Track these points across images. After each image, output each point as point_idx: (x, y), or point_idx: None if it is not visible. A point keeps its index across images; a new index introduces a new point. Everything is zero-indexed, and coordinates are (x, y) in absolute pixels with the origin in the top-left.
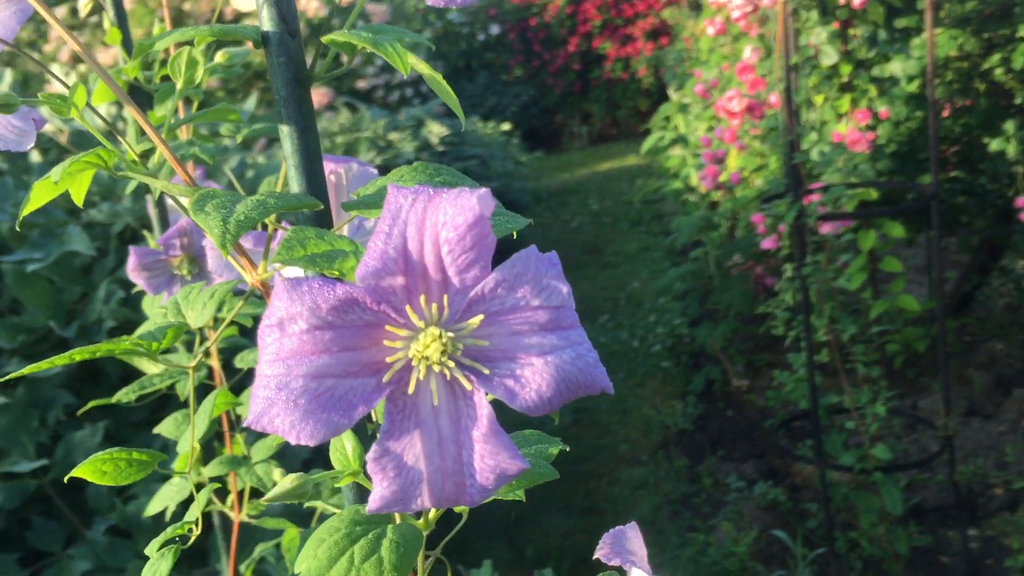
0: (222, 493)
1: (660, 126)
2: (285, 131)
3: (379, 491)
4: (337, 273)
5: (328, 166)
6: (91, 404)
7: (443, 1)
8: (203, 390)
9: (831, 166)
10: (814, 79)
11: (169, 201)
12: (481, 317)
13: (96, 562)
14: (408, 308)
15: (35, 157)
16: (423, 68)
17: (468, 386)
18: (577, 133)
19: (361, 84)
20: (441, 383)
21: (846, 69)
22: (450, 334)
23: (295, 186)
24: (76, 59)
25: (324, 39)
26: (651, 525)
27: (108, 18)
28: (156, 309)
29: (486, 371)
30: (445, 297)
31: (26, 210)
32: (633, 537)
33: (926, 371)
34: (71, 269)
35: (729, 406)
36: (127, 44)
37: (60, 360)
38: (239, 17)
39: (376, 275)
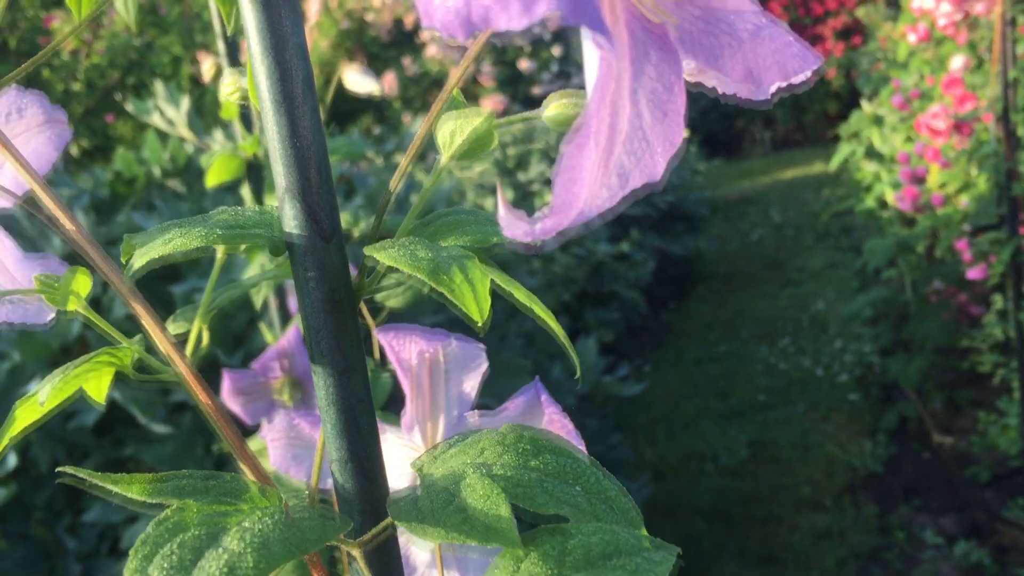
0: None
1: (850, 135)
2: (319, 374)
3: None
4: None
5: (417, 345)
6: None
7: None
8: None
9: None
10: None
11: (290, 303)
12: None
13: None
14: None
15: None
16: (534, 307)
17: None
18: (759, 138)
19: (536, 91)
20: None
21: None
22: None
23: (335, 465)
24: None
25: (366, 250)
26: None
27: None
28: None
29: None
30: None
31: (8, 435)
32: None
33: None
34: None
35: (925, 447)
36: (246, 118)
37: None
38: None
39: None
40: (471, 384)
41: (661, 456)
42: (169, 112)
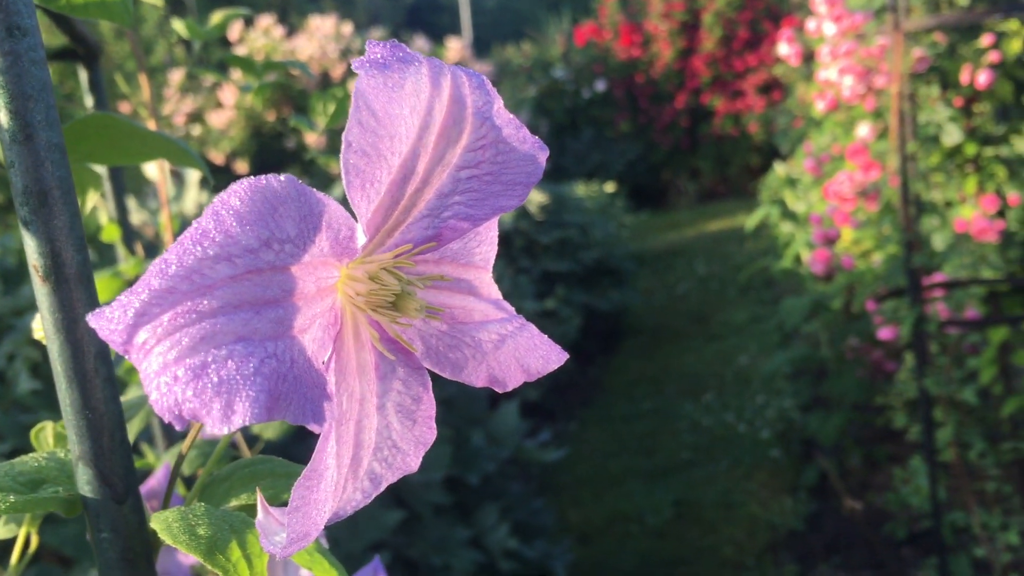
0: None
1: (768, 199)
2: None
3: None
4: None
5: None
6: None
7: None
8: None
9: (955, 259)
10: (935, 157)
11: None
12: None
13: None
14: None
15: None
16: None
17: None
18: (685, 190)
19: None
20: None
21: (971, 149)
22: None
23: None
24: (193, 118)
25: (153, 521)
26: None
27: (107, 212)
28: None
29: None
30: None
31: None
32: None
33: None
34: None
35: (843, 505)
36: (128, 239)
37: None
38: None
39: None
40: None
41: (587, 518)
42: None
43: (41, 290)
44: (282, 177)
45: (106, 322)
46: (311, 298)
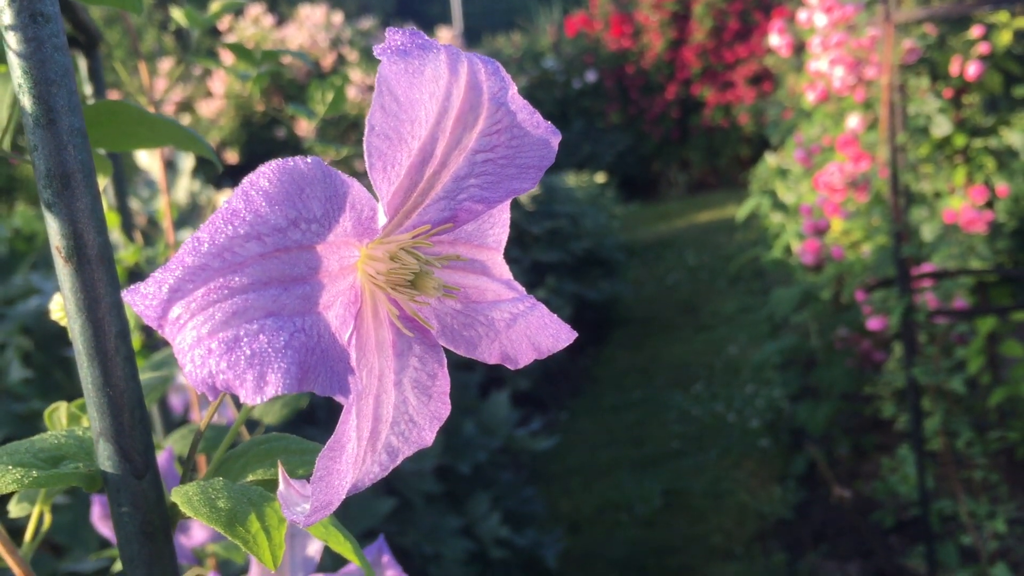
0: None
1: (758, 189)
2: None
3: None
4: None
5: None
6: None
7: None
8: None
9: (943, 250)
10: (925, 148)
11: (172, 400)
12: None
13: None
14: None
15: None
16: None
17: None
18: (675, 181)
19: None
20: None
21: (960, 140)
22: None
23: None
24: (183, 107)
25: (173, 495)
26: None
27: (106, 200)
28: None
29: None
30: None
31: None
32: None
33: None
34: None
35: (832, 494)
36: (127, 226)
37: None
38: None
39: None
40: (315, 548)
41: (576, 507)
42: None
43: (64, 271)
44: (309, 159)
45: (141, 298)
46: (335, 276)
